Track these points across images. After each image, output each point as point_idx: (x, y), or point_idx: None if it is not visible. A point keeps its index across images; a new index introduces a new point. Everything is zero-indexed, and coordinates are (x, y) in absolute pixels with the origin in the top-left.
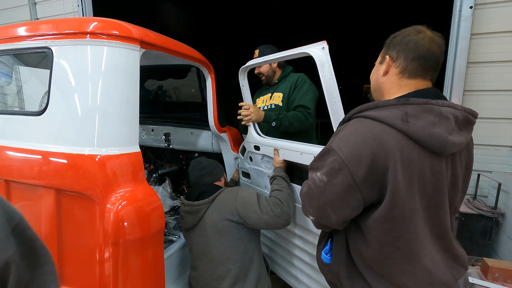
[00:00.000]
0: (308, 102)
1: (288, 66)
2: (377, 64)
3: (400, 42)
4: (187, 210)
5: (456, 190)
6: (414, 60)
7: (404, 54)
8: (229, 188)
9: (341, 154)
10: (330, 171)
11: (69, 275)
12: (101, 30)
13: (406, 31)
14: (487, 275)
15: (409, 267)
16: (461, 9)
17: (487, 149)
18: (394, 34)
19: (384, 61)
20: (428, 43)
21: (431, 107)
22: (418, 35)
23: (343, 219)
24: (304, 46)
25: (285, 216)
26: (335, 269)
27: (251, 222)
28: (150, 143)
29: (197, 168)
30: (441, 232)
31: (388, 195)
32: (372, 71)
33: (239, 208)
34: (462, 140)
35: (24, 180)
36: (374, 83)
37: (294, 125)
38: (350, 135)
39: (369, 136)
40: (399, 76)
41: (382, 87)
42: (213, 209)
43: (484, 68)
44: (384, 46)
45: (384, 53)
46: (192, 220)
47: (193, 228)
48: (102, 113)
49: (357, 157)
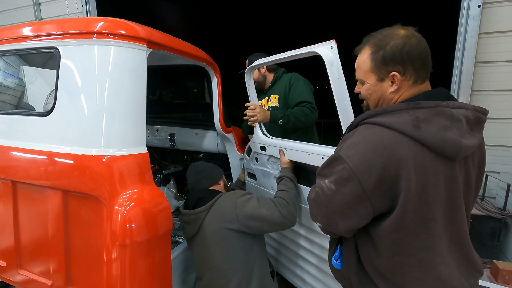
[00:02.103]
0: (308, 96)
1: (280, 68)
2: (374, 82)
3: (400, 54)
4: (186, 220)
5: (470, 191)
6: (422, 67)
7: (412, 65)
8: (227, 193)
9: (350, 162)
10: (339, 179)
11: (76, 277)
12: (108, 30)
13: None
14: (497, 277)
15: (422, 275)
16: (469, 8)
17: (495, 150)
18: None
19: (388, 78)
20: (423, 45)
21: (442, 109)
22: (412, 40)
23: (351, 228)
24: (312, 45)
25: (291, 217)
26: (346, 276)
27: (255, 226)
28: (155, 143)
29: (194, 172)
30: (459, 238)
31: (400, 204)
32: (368, 91)
33: (240, 214)
34: (475, 142)
35: (30, 181)
36: (378, 102)
37: (301, 120)
38: (359, 142)
39: (380, 145)
40: (412, 86)
41: (392, 98)
42: (212, 216)
43: (492, 67)
44: (370, 61)
45: (381, 70)
46: (192, 229)
47: (194, 237)
48: (109, 113)
49: (367, 167)
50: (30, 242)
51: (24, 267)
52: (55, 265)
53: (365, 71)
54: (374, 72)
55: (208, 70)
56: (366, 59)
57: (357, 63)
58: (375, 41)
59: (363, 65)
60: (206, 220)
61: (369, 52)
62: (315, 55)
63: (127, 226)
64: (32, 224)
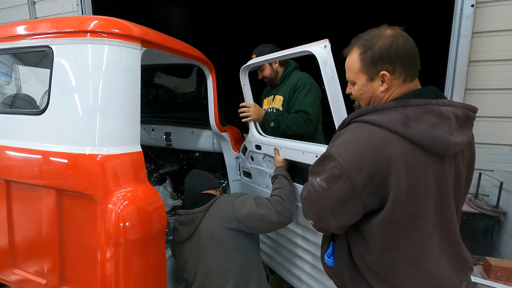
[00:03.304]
0: (307, 106)
1: (290, 63)
2: (364, 82)
3: (388, 54)
4: (182, 220)
5: (460, 188)
6: (410, 65)
7: (400, 63)
8: (224, 196)
9: (341, 160)
10: (330, 177)
11: (70, 276)
12: (102, 29)
13: (380, 39)
14: (489, 274)
15: (412, 271)
16: (463, 7)
17: (488, 148)
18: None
19: (378, 78)
20: (410, 43)
21: (431, 107)
22: (399, 39)
23: (342, 225)
24: (306, 45)
25: (287, 213)
26: (338, 272)
27: (253, 225)
28: (150, 142)
29: (197, 174)
30: (450, 235)
31: (390, 201)
32: (359, 91)
33: (237, 214)
34: (464, 139)
35: (24, 180)
36: (369, 101)
37: (291, 129)
38: (349, 141)
39: (370, 143)
40: (402, 84)
41: (382, 97)
42: (209, 217)
43: (485, 66)
44: (359, 62)
45: (371, 70)
46: (187, 231)
47: (187, 240)
48: (103, 112)
49: (358, 164)
50: (24, 242)
51: (18, 266)
52: (49, 264)
53: (355, 71)
54: (364, 72)
55: (203, 69)
56: (355, 60)
57: (347, 64)
58: (363, 42)
59: (352, 66)
60: (203, 220)
61: (358, 53)
62: (308, 54)
63: (121, 224)
64: (26, 223)
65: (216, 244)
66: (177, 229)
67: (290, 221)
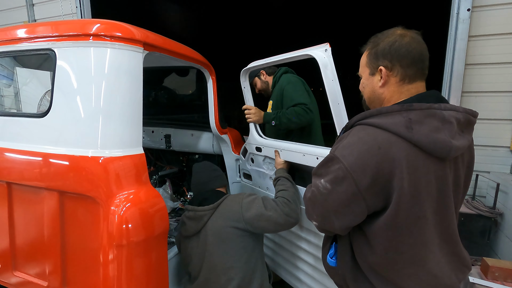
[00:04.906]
0: (300, 98)
1: (279, 69)
2: (367, 76)
3: (389, 50)
4: (190, 216)
5: (459, 190)
6: (411, 65)
7: (399, 62)
8: (233, 195)
9: (346, 162)
10: (334, 179)
11: (72, 278)
12: (104, 32)
13: (387, 37)
14: (487, 274)
15: (414, 271)
16: (459, 11)
17: (485, 150)
18: (373, 42)
19: (377, 73)
20: (417, 45)
21: (434, 111)
22: (404, 39)
23: (346, 226)
24: (307, 48)
25: (294, 214)
26: (341, 273)
27: (260, 226)
28: (150, 144)
29: (209, 169)
30: (449, 235)
31: (394, 202)
32: (362, 84)
33: (246, 214)
34: (464, 143)
35: (26, 182)
36: (370, 95)
37: (293, 121)
38: (354, 143)
39: (374, 145)
40: (399, 83)
41: (381, 97)
42: (218, 215)
43: (482, 69)
44: (366, 57)
45: (373, 64)
46: (195, 226)
47: (194, 236)
48: (105, 115)
49: (362, 166)
50: (25, 244)
51: (19, 268)
52: (51, 266)
53: (362, 66)
54: (368, 66)
55: (203, 71)
56: (364, 56)
57: (360, 60)
58: (374, 39)
59: (362, 61)
60: (211, 218)
61: (368, 49)
62: (309, 58)
63: (123, 226)
64: (28, 226)
65: (222, 242)
66: (184, 223)
67: (296, 222)
